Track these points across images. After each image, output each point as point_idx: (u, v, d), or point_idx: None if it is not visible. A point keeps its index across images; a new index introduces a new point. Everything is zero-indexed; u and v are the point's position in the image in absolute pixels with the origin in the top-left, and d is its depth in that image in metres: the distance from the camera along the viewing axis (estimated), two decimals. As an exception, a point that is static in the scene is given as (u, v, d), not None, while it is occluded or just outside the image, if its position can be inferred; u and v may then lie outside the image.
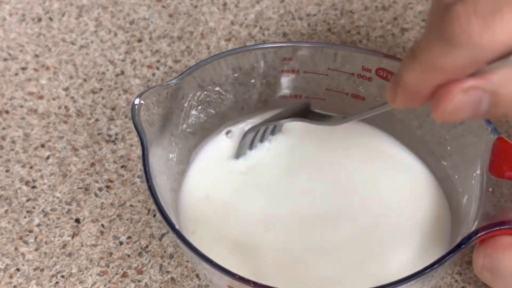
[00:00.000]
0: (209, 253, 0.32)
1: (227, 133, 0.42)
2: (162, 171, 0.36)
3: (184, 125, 0.39)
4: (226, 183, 0.40)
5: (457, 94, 0.27)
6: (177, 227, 0.33)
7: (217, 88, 0.40)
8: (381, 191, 0.40)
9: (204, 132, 0.41)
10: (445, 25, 0.26)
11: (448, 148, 0.39)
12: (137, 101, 0.35)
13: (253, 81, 0.41)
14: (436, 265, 0.31)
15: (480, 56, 0.26)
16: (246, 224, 0.38)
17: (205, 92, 0.40)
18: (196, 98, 0.39)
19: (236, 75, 0.40)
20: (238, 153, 0.41)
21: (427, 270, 0.31)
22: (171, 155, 0.38)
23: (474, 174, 0.35)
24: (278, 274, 0.36)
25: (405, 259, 0.36)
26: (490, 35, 0.25)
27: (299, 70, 0.41)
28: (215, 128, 0.42)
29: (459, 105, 0.27)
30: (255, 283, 0.31)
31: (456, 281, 0.40)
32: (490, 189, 0.33)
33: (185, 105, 0.39)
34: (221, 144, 0.42)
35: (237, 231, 0.38)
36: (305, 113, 0.40)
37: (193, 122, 0.40)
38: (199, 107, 0.40)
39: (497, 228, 0.32)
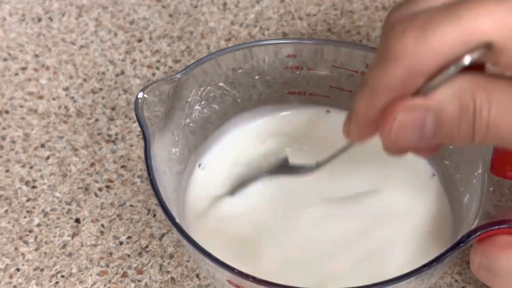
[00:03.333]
0: (209, 249, 0.32)
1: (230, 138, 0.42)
2: (164, 168, 0.36)
3: (188, 120, 0.39)
4: (229, 184, 0.40)
5: (400, 114, 0.27)
6: (178, 221, 0.33)
7: (221, 84, 0.40)
8: (383, 189, 0.40)
9: (204, 132, 0.41)
10: (385, 43, 0.27)
11: (450, 147, 0.39)
12: (140, 95, 0.35)
13: (257, 77, 0.41)
14: (434, 263, 0.31)
15: (418, 68, 0.26)
16: (246, 224, 0.38)
17: (209, 88, 0.40)
18: (199, 93, 0.39)
19: (240, 71, 0.40)
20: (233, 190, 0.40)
21: (425, 268, 0.31)
22: (173, 149, 0.38)
23: (476, 174, 0.35)
24: (277, 271, 0.36)
25: (406, 257, 0.37)
26: (423, 44, 0.25)
27: (303, 67, 0.41)
28: (215, 128, 0.42)
29: (403, 126, 0.27)
30: (253, 278, 0.31)
31: (456, 281, 0.40)
32: (491, 189, 0.33)
33: (189, 99, 0.39)
34: (223, 147, 0.42)
35: (238, 230, 0.38)
36: (282, 168, 0.40)
37: (197, 117, 0.40)
38: (203, 102, 0.40)
39: (496, 227, 0.32)
